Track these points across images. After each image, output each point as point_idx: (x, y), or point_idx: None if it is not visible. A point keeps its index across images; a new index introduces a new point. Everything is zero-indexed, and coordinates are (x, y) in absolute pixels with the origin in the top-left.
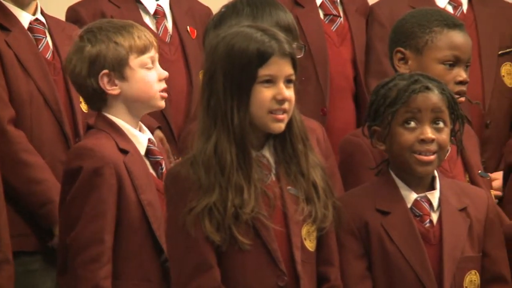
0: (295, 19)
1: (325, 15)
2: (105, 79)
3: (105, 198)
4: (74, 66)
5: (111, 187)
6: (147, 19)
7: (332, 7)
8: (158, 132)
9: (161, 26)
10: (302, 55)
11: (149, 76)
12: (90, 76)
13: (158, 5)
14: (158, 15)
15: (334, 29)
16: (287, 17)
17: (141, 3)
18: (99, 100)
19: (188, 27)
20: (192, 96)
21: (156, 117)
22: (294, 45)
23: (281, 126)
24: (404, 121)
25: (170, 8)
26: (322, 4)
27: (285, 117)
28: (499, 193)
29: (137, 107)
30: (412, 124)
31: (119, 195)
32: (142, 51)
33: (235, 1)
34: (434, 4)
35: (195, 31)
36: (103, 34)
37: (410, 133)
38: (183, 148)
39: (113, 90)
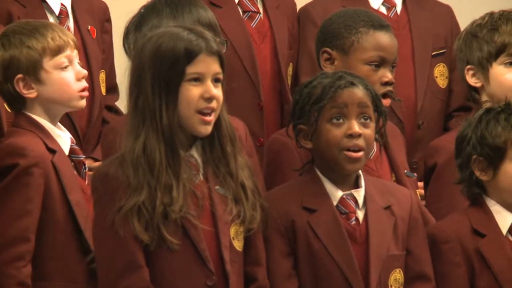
0: None
1: (243, 12)
2: (21, 84)
3: (32, 197)
4: None
5: (39, 186)
6: (51, 19)
7: (250, 3)
8: None
9: (64, 27)
10: (225, 50)
11: (66, 77)
12: (6, 81)
13: (62, 4)
14: (62, 15)
15: (254, 25)
16: (208, 14)
17: (46, 2)
18: (18, 103)
19: (88, 26)
20: (94, 97)
21: (62, 119)
22: (217, 40)
23: (208, 129)
24: (331, 117)
25: (72, 7)
26: (240, 2)
27: (212, 118)
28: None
29: (56, 108)
30: (339, 120)
31: (46, 195)
32: (56, 52)
33: (154, 1)
34: (367, 4)
35: (95, 30)
36: (17, 38)
37: (337, 129)
38: (104, 145)
39: (30, 94)
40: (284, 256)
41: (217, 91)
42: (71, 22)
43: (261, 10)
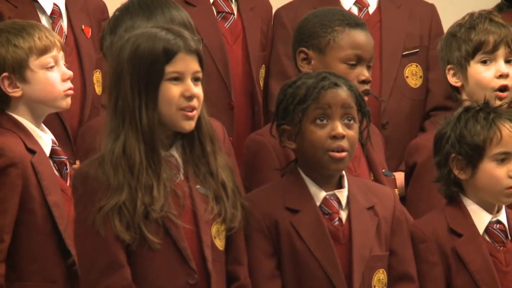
0: None
1: (217, 12)
2: (6, 82)
3: (8, 197)
4: None
5: (15, 187)
6: (43, 19)
7: (224, 4)
8: None
9: (56, 27)
10: (201, 48)
11: (51, 77)
12: None
13: (54, 4)
14: (55, 15)
15: (227, 26)
16: (181, 14)
17: (37, 2)
18: (2, 102)
19: (83, 25)
20: (86, 97)
21: (51, 119)
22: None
23: (192, 124)
24: (315, 118)
25: (66, 7)
26: (214, 2)
27: (194, 114)
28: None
29: (40, 108)
30: (323, 121)
31: (24, 196)
32: (43, 51)
33: (127, 3)
34: (339, 5)
35: (90, 29)
36: (4, 36)
37: (321, 130)
38: (82, 145)
39: (15, 93)
40: (267, 256)
41: (198, 90)
42: (64, 22)
43: (235, 11)
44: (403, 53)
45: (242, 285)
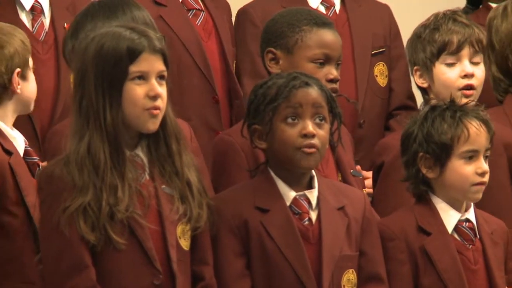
0: (160, 18)
1: (187, 10)
2: (17, 79)
3: None
4: None
5: None
6: (23, 16)
7: (193, 1)
8: None
9: (36, 23)
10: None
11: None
12: (7, 73)
13: (36, 1)
14: (35, 11)
15: (199, 23)
16: (142, 13)
17: None
18: None
19: (65, 24)
20: (59, 96)
21: (21, 117)
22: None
23: (156, 123)
24: (286, 117)
25: (50, 4)
26: (183, 0)
27: (158, 113)
28: (370, 190)
29: (25, 108)
30: (294, 120)
31: (1, 197)
32: (29, 51)
33: (88, 6)
34: (306, 4)
35: None
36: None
37: (292, 129)
38: (49, 148)
39: (18, 89)
40: (237, 256)
41: (162, 89)
42: (47, 19)
43: (203, 8)
44: (372, 52)
45: (208, 285)
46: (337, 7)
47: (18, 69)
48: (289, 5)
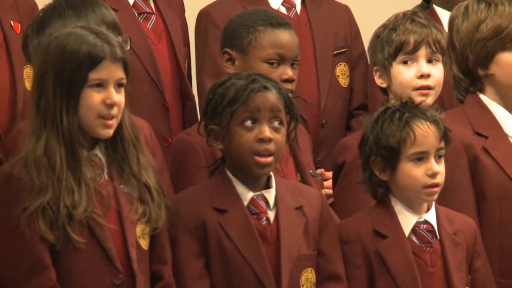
0: None
1: (139, 14)
2: None
3: None
4: None
5: None
6: None
7: (144, 5)
8: None
9: None
10: (128, 47)
11: None
12: None
13: None
14: None
15: (150, 26)
16: (110, 13)
17: None
18: None
19: (11, 21)
20: (16, 93)
21: None
22: (120, 39)
23: (109, 132)
24: (243, 120)
25: None
26: (134, 3)
27: (113, 122)
28: (330, 191)
29: None
30: (251, 123)
31: None
32: None
33: (54, 3)
34: (267, 5)
35: (19, 25)
36: None
37: (248, 133)
38: (13, 147)
39: None
40: (196, 256)
41: (119, 97)
42: None
43: (154, 10)
44: (334, 53)
45: (166, 284)
46: (298, 8)
47: None
48: (250, 5)
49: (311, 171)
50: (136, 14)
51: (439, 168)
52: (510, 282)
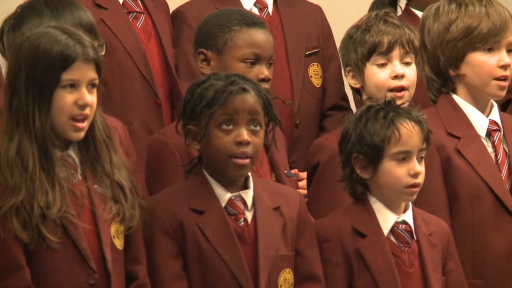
0: (101, 21)
1: (128, 13)
2: None
3: None
4: None
5: None
6: None
7: (134, 4)
8: None
9: None
10: (103, 52)
11: None
12: None
13: None
14: None
15: (139, 26)
16: (88, 15)
17: None
18: None
19: None
20: None
21: None
22: (96, 43)
23: (81, 134)
24: (221, 123)
25: None
26: (124, 2)
27: (85, 125)
28: (304, 191)
29: None
30: (229, 126)
31: None
32: None
33: (32, 1)
34: (240, 6)
35: None
36: None
37: (226, 136)
38: None
39: None
40: (173, 257)
41: (92, 98)
42: None
43: (142, 9)
44: (306, 53)
45: (141, 284)
46: (270, 8)
47: None
48: (223, 6)
49: (285, 171)
50: (126, 13)
51: (421, 168)
52: (482, 282)
